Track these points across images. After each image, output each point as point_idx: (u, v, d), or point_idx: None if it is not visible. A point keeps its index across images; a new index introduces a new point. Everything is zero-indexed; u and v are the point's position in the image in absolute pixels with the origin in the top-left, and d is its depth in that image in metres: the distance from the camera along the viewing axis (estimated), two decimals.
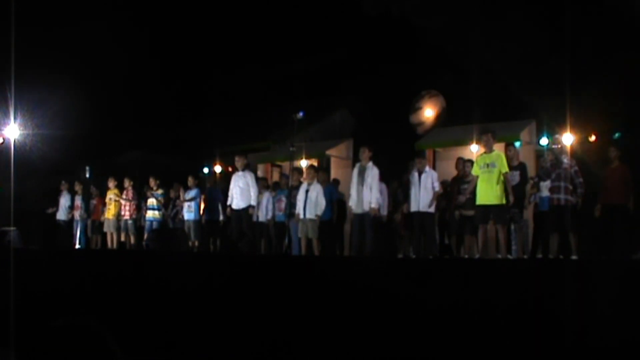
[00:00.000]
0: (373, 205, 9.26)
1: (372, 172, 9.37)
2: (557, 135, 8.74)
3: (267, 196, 11.90)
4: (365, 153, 9.56)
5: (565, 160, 8.61)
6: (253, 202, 10.83)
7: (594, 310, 4.79)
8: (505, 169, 8.42)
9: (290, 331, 5.80)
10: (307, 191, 10.55)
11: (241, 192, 10.75)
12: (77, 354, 1.69)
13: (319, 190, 10.57)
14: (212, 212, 12.32)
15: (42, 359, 1.69)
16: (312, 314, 5.91)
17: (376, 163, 9.55)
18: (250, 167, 11.53)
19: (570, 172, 8.62)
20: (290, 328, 5.84)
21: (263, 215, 11.83)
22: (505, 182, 8.40)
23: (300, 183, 11.01)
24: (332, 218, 11.19)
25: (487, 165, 8.48)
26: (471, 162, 10.10)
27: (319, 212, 10.43)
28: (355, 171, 9.59)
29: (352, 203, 9.55)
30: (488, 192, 8.41)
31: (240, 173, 10.90)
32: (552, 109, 11.82)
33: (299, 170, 11.56)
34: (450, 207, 10.50)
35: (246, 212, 10.82)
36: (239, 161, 11.04)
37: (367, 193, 9.27)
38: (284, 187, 11.88)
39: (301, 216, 10.55)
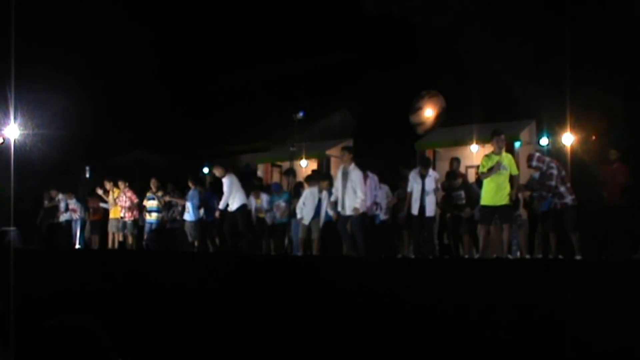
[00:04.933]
0: (357, 206, 9.19)
1: (354, 175, 9.31)
2: (546, 143, 8.80)
3: (266, 198, 11.89)
4: (346, 156, 9.51)
5: (553, 165, 8.67)
6: (245, 201, 11.01)
7: (594, 310, 4.79)
8: (515, 171, 8.54)
9: (290, 331, 5.80)
10: (319, 199, 10.58)
11: (230, 195, 10.85)
12: (73, 353, 1.69)
13: (324, 196, 10.58)
14: (208, 213, 12.39)
15: (41, 359, 1.69)
16: (312, 313, 5.91)
17: (359, 164, 9.47)
18: (230, 172, 11.48)
19: (561, 176, 8.69)
20: (290, 327, 5.84)
21: (269, 216, 11.87)
22: (512, 183, 8.49)
23: (298, 185, 11.10)
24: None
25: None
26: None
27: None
28: (339, 174, 9.52)
29: (337, 206, 9.53)
30: (497, 194, 8.43)
31: (224, 180, 11.01)
32: (552, 109, 11.82)
33: (292, 172, 11.64)
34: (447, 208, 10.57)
35: (240, 212, 10.89)
36: (217, 170, 11.20)
37: (351, 196, 9.26)
38: (285, 189, 11.93)
39: (299, 216, 10.72)
